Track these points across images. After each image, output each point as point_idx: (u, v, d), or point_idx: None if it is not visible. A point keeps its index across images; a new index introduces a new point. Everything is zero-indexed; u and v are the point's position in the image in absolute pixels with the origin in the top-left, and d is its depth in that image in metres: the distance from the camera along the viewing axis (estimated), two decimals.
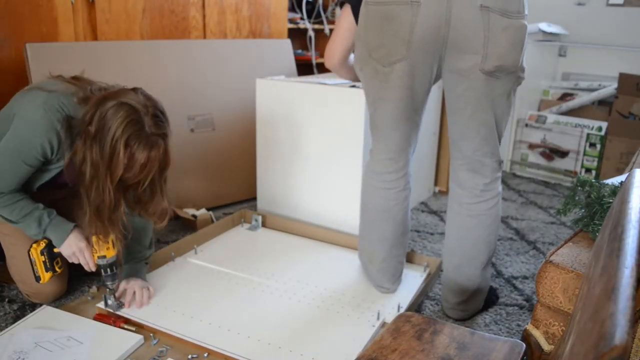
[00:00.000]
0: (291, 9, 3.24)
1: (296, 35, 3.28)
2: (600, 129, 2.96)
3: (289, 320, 1.49)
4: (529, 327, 1.25)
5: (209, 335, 1.40)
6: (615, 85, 2.99)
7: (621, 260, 0.58)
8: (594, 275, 0.69)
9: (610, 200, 1.26)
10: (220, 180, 2.46)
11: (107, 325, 1.43)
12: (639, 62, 3.03)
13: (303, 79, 2.31)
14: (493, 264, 1.97)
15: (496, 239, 1.55)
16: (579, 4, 3.22)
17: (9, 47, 1.99)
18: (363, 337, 1.42)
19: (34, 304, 1.58)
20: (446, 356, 0.94)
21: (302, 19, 3.26)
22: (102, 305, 1.51)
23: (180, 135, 2.32)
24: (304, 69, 3.20)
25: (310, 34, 3.28)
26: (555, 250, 1.23)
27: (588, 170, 3.01)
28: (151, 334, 1.41)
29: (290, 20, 3.14)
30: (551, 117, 3.12)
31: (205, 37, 2.59)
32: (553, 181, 3.11)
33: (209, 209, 2.34)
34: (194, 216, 2.21)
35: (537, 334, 1.23)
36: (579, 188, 1.36)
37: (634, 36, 3.05)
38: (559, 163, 3.10)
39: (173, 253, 1.83)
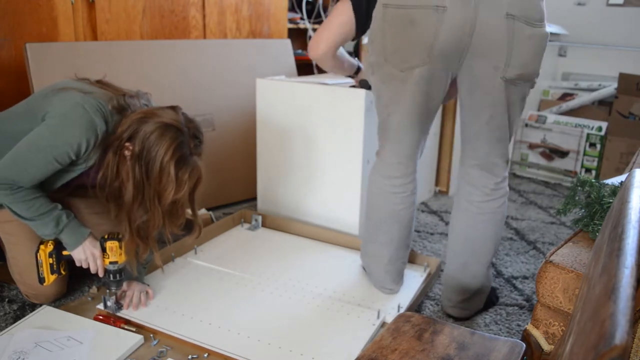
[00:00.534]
0: (291, 9, 3.24)
1: (296, 35, 3.28)
2: (600, 129, 2.96)
3: (289, 320, 1.49)
4: (529, 327, 1.25)
5: (209, 336, 1.40)
6: (615, 85, 2.99)
7: (621, 260, 0.58)
8: (594, 275, 0.69)
9: (610, 200, 1.26)
10: (220, 180, 2.46)
11: (107, 326, 1.43)
12: (639, 62, 3.03)
13: (303, 79, 2.31)
14: (493, 264, 1.97)
15: (501, 237, 1.56)
16: (579, 4, 3.22)
17: (9, 47, 1.99)
18: (363, 337, 1.42)
19: (34, 304, 1.58)
20: (446, 356, 0.94)
21: (302, 19, 3.26)
22: (102, 306, 1.51)
23: None
24: (304, 69, 3.19)
25: (310, 34, 3.28)
26: (555, 250, 1.23)
27: (588, 170, 3.01)
28: (151, 335, 1.41)
29: (290, 20, 3.14)
30: (551, 117, 3.12)
31: (205, 37, 2.59)
32: (553, 181, 3.11)
33: (209, 209, 2.34)
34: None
35: (537, 334, 1.23)
36: (579, 188, 1.36)
37: (634, 36, 3.05)
38: (559, 163, 3.10)
39: (173, 253, 1.83)
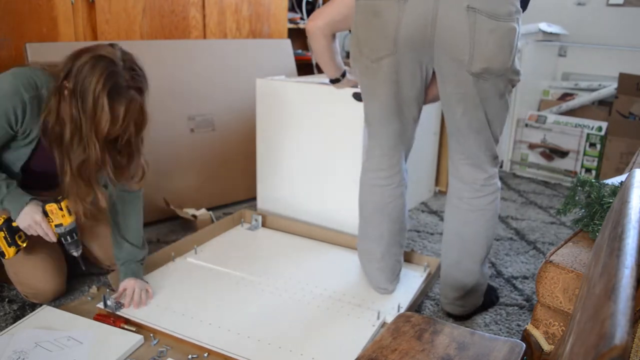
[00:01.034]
0: (291, 9, 3.24)
1: (296, 35, 3.28)
2: (600, 129, 2.96)
3: (289, 320, 1.49)
4: (529, 327, 1.25)
5: (209, 335, 1.40)
6: (615, 85, 2.99)
7: (621, 260, 0.58)
8: (594, 275, 0.69)
9: (610, 200, 1.26)
10: (220, 180, 2.46)
11: (107, 325, 1.43)
12: (639, 62, 3.03)
13: (303, 79, 2.31)
14: (493, 264, 1.97)
15: (494, 234, 1.56)
16: (579, 4, 3.22)
17: (9, 47, 1.99)
18: (363, 337, 1.42)
19: (34, 304, 1.58)
20: (446, 356, 0.94)
21: (302, 19, 3.26)
22: (102, 305, 1.51)
23: (180, 135, 2.32)
24: (304, 69, 3.19)
25: None
26: (555, 250, 1.23)
27: (588, 170, 3.01)
28: (151, 334, 1.41)
29: (290, 20, 3.14)
30: (551, 117, 3.12)
31: (205, 37, 2.59)
32: (553, 181, 3.11)
33: (209, 209, 2.34)
34: (194, 216, 2.21)
35: (537, 334, 1.23)
36: (579, 188, 1.36)
37: (634, 36, 3.05)
38: (559, 163, 3.10)
39: (173, 253, 1.83)
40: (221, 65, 2.45)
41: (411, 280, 1.74)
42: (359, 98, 1.89)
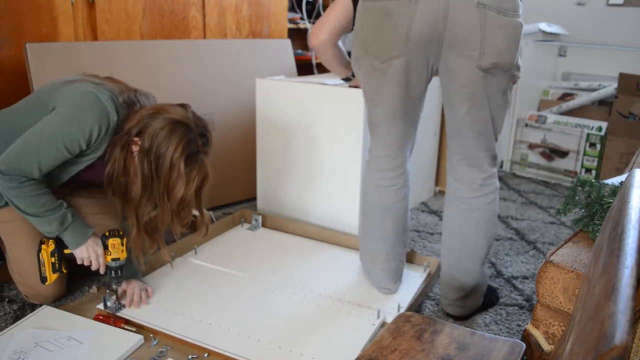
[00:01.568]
0: (291, 9, 3.24)
1: (296, 35, 3.28)
2: (600, 129, 2.96)
3: (289, 320, 1.49)
4: (529, 327, 1.25)
5: (209, 336, 1.40)
6: (615, 85, 2.99)
7: (621, 260, 0.58)
8: (594, 275, 0.69)
9: (610, 200, 1.26)
10: (220, 180, 2.46)
11: (107, 326, 1.43)
12: (639, 62, 3.03)
13: (303, 79, 2.31)
14: (493, 264, 1.97)
15: (494, 235, 1.57)
16: (579, 4, 3.22)
17: (9, 47, 1.99)
18: (363, 337, 1.42)
19: (34, 304, 1.58)
20: (446, 356, 0.94)
21: (302, 19, 3.26)
22: (102, 306, 1.51)
23: None
24: (304, 69, 3.19)
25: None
26: (555, 250, 1.23)
27: (588, 170, 3.01)
28: (151, 335, 1.41)
29: (290, 20, 3.14)
30: (551, 117, 3.12)
31: (205, 37, 2.59)
32: (553, 181, 3.11)
33: (209, 209, 2.34)
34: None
35: (537, 334, 1.23)
36: (579, 188, 1.36)
37: (634, 36, 3.05)
38: (559, 163, 3.10)
39: (173, 253, 1.83)
40: (221, 65, 2.45)
41: (411, 280, 1.74)
42: None
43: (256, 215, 2.18)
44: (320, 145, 2.10)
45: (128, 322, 1.46)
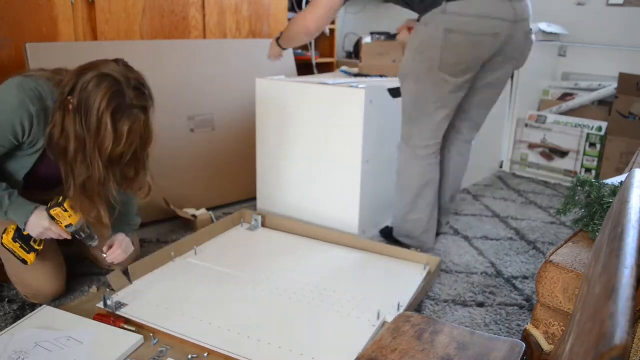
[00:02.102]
0: (291, 9, 3.24)
1: None
2: (600, 129, 2.96)
3: (289, 320, 1.49)
4: (529, 327, 1.25)
5: (209, 335, 1.40)
6: (615, 85, 2.99)
7: (621, 260, 0.58)
8: (594, 275, 0.69)
9: (610, 200, 1.26)
10: (220, 180, 2.46)
11: (107, 325, 1.43)
12: (639, 62, 3.03)
13: (303, 79, 2.31)
14: (493, 264, 1.98)
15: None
16: (579, 4, 3.22)
17: (9, 47, 1.99)
18: (363, 337, 1.42)
19: (34, 304, 1.58)
20: (446, 356, 0.94)
21: None
22: (102, 305, 1.51)
23: (180, 135, 2.32)
24: (304, 69, 3.20)
25: None
26: (555, 250, 1.23)
27: (588, 170, 3.01)
28: (151, 334, 1.41)
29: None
30: (551, 117, 3.12)
31: (205, 37, 2.59)
32: (553, 181, 3.11)
33: (209, 209, 2.34)
34: (194, 216, 2.21)
35: (537, 334, 1.23)
36: (579, 188, 1.36)
37: (634, 36, 3.05)
38: (559, 163, 3.10)
39: (173, 253, 1.83)
40: (221, 65, 2.45)
41: (411, 279, 1.74)
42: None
43: (256, 215, 2.18)
44: (320, 145, 2.10)
45: (128, 322, 1.46)
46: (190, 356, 1.34)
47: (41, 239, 1.50)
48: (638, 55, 3.04)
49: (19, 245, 1.46)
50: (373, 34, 2.69)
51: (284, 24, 2.98)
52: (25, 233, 1.46)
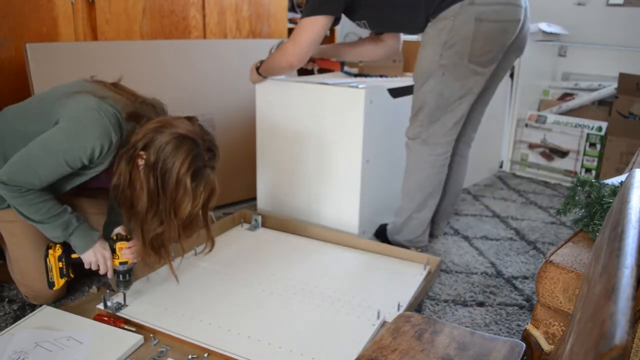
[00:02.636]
0: (291, 9, 3.24)
1: None
2: (600, 129, 2.96)
3: (289, 320, 1.49)
4: (529, 327, 1.25)
5: (209, 336, 1.40)
6: (615, 85, 2.99)
7: (621, 260, 0.58)
8: (594, 275, 0.69)
9: (610, 200, 1.26)
10: (220, 180, 2.46)
11: (107, 325, 1.43)
12: (639, 62, 3.03)
13: (303, 79, 2.31)
14: (493, 264, 1.98)
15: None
16: (579, 4, 3.22)
17: (9, 47, 1.99)
18: (363, 337, 1.42)
19: (34, 304, 1.58)
20: (446, 356, 0.94)
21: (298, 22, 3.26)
22: (102, 305, 1.51)
23: None
24: (304, 69, 3.19)
25: None
26: (555, 250, 1.23)
27: (588, 170, 3.01)
28: (151, 335, 1.41)
29: (290, 20, 3.14)
30: (551, 117, 3.12)
31: (205, 37, 2.59)
32: (553, 181, 3.11)
33: None
34: None
35: (537, 334, 1.23)
36: (579, 188, 1.36)
37: (634, 36, 3.05)
38: (559, 163, 3.10)
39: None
40: (221, 65, 2.45)
41: (411, 279, 1.74)
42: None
43: (256, 215, 2.18)
44: (320, 144, 2.10)
45: (128, 322, 1.46)
46: (190, 356, 1.34)
47: (73, 267, 1.48)
48: (638, 55, 3.04)
49: (60, 265, 1.44)
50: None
51: (284, 24, 2.99)
52: (74, 256, 1.44)
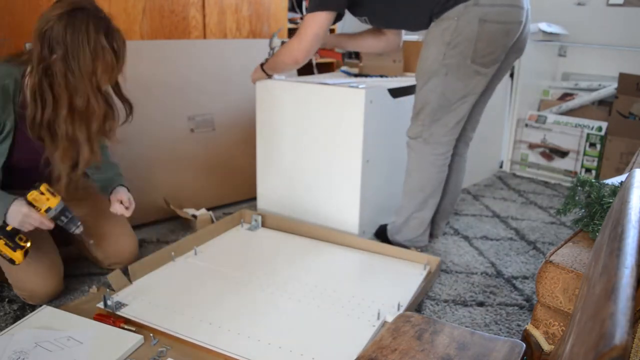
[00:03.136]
0: (291, 9, 3.24)
1: None
2: (600, 129, 2.96)
3: (289, 320, 1.50)
4: (529, 327, 1.25)
5: (209, 336, 1.40)
6: (615, 85, 2.99)
7: (621, 260, 0.58)
8: (594, 275, 0.69)
9: (610, 200, 1.26)
10: (220, 180, 2.46)
11: (107, 325, 1.43)
12: (639, 62, 3.03)
13: (303, 79, 2.31)
14: (493, 264, 1.98)
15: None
16: (579, 4, 3.22)
17: (9, 47, 1.99)
18: (363, 337, 1.42)
19: (34, 304, 1.58)
20: (446, 356, 0.94)
21: (302, 19, 3.26)
22: (102, 305, 1.51)
23: (180, 135, 2.32)
24: (304, 69, 3.18)
25: None
26: (555, 250, 1.23)
27: (588, 170, 3.01)
28: (151, 334, 1.41)
29: (290, 20, 3.14)
30: (551, 117, 3.12)
31: (205, 37, 2.59)
32: (553, 181, 3.11)
33: (209, 209, 2.34)
34: (194, 216, 2.21)
35: (537, 334, 1.23)
36: (579, 188, 1.36)
37: (634, 36, 3.05)
38: (559, 163, 3.10)
39: (173, 253, 1.83)
40: (221, 65, 2.45)
41: (411, 279, 1.74)
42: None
43: (256, 215, 2.18)
44: (320, 144, 2.10)
45: (128, 322, 1.46)
46: (190, 356, 1.34)
47: (26, 236, 1.46)
48: (638, 55, 3.04)
49: (3, 242, 1.42)
50: None
51: (284, 24, 2.98)
52: (9, 228, 1.42)
